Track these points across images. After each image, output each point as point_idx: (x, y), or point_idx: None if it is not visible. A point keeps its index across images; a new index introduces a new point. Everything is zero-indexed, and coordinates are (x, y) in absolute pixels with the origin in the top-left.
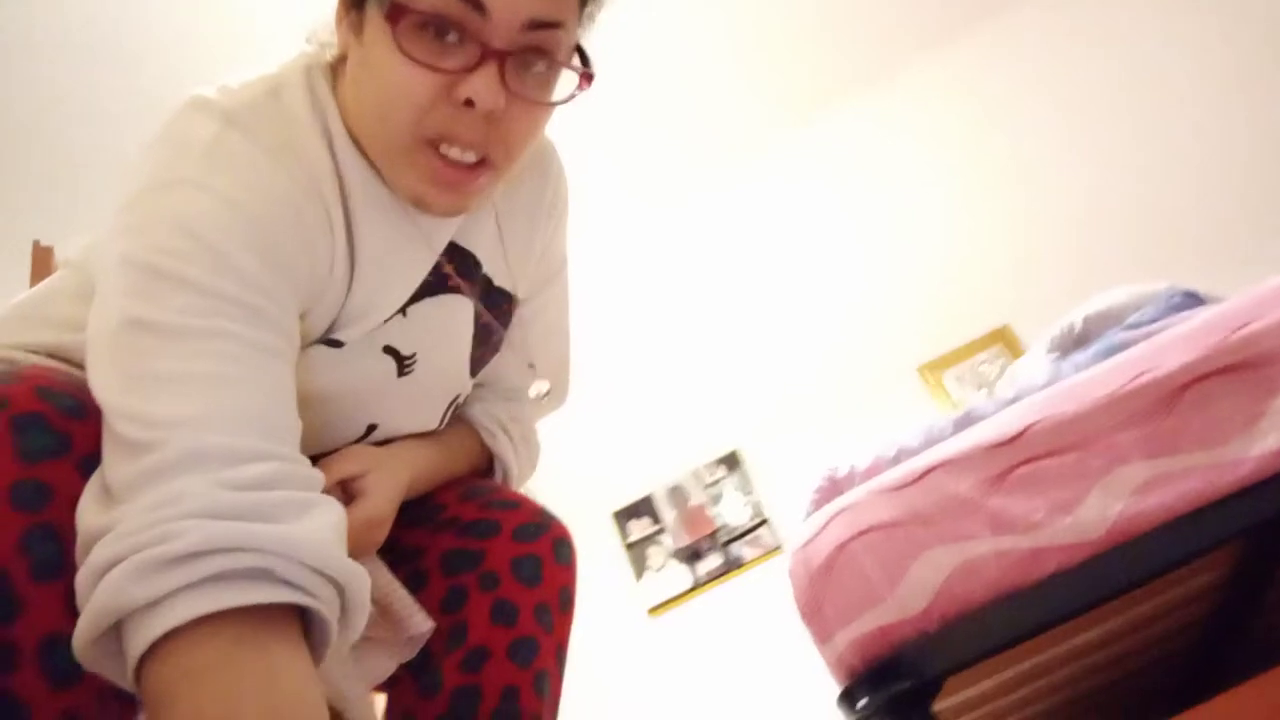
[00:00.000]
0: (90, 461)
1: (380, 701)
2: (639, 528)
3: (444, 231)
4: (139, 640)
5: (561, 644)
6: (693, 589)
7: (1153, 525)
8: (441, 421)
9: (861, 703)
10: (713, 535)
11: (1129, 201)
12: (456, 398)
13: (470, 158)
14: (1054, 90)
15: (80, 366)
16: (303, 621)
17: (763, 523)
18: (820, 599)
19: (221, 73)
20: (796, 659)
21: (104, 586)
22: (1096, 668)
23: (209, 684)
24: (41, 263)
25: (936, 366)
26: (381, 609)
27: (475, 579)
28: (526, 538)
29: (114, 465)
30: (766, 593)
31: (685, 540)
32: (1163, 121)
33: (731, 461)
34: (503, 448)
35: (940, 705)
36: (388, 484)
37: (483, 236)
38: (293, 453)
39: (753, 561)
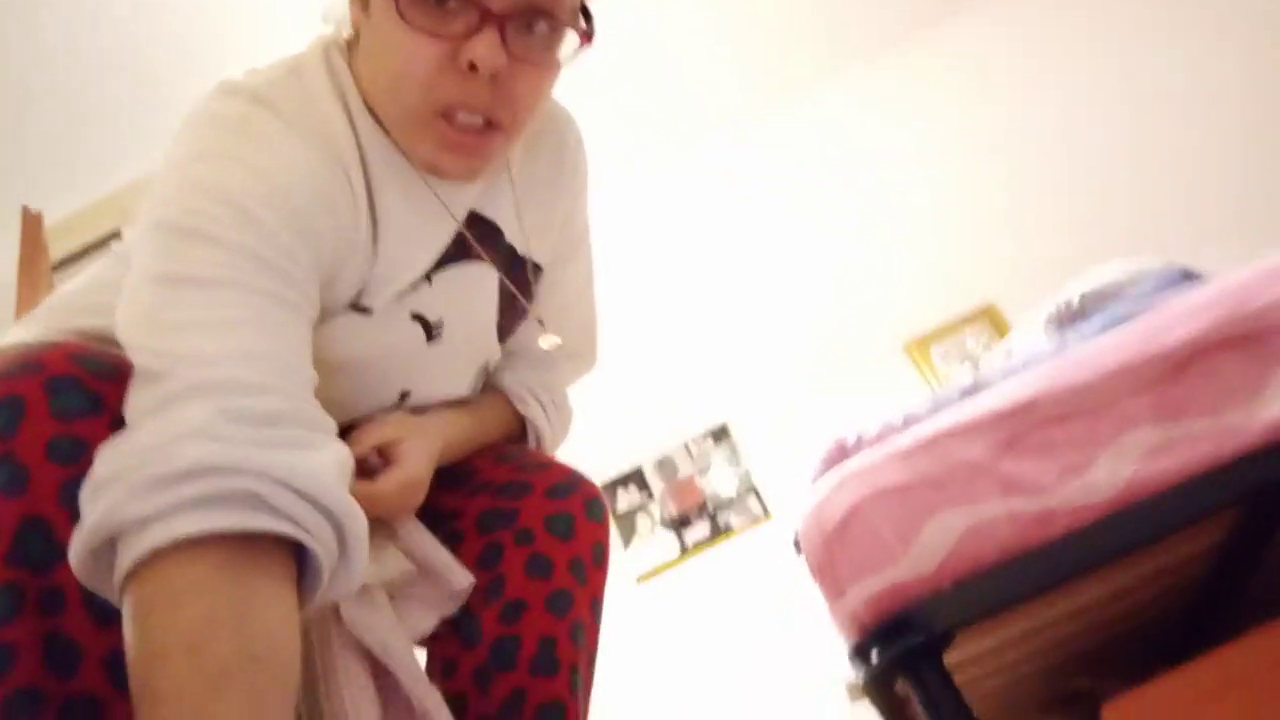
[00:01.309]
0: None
1: (420, 655)
2: (628, 498)
3: (463, 199)
4: (126, 557)
5: (596, 597)
6: (681, 555)
7: (1161, 488)
8: (472, 388)
9: (875, 656)
10: (701, 505)
11: (1116, 184)
12: (486, 364)
13: (477, 121)
14: (1044, 72)
15: (119, 346)
16: (298, 557)
17: (750, 491)
18: (834, 557)
19: (215, 32)
20: (784, 624)
21: (101, 500)
22: (1101, 623)
23: (185, 607)
24: (32, 228)
25: (923, 343)
26: (422, 568)
27: (510, 535)
28: (558, 496)
29: (131, 397)
30: (754, 560)
31: (673, 510)
32: (1148, 108)
33: (720, 434)
34: (534, 413)
35: (951, 659)
36: (423, 449)
37: (503, 206)
38: (303, 393)
39: (740, 529)
